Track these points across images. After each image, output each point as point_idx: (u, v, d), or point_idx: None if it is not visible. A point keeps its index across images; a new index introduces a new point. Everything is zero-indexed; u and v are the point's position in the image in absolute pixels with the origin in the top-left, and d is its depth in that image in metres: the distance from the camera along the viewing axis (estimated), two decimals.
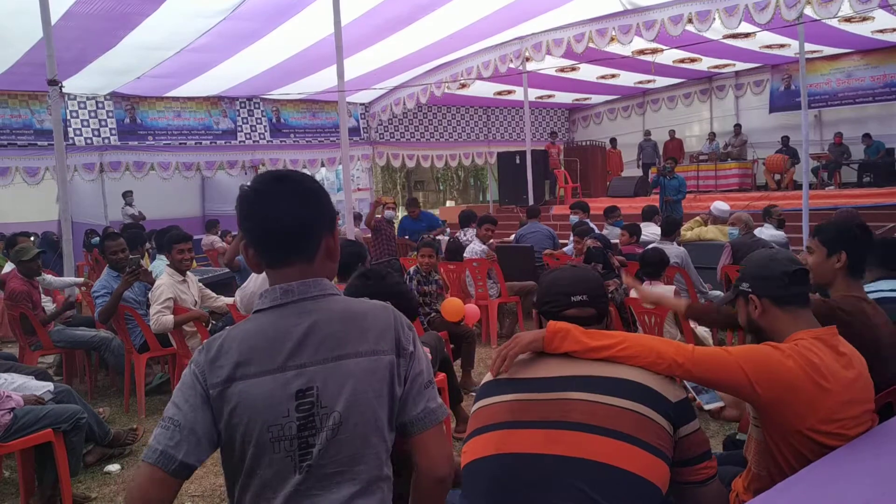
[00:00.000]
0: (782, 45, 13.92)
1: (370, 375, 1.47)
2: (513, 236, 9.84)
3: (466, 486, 1.84)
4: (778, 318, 2.16)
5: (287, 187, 1.52)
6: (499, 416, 1.87)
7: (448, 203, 31.65)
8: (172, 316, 5.33)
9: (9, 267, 6.75)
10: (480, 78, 14.00)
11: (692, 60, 15.45)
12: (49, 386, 4.14)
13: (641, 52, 13.74)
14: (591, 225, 8.16)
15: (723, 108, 18.15)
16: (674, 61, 15.16)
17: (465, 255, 7.77)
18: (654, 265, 5.41)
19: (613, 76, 16.43)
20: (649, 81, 17.54)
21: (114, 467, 4.48)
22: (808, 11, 9.90)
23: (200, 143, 14.65)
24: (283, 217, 1.49)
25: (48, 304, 6.67)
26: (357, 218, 9.26)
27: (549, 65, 13.85)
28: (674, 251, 6.44)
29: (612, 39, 11.81)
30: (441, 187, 37.15)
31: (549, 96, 18.41)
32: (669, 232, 6.83)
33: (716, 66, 16.58)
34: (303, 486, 1.44)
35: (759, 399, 1.97)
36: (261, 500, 1.45)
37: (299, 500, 1.44)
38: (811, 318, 2.16)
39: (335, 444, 1.45)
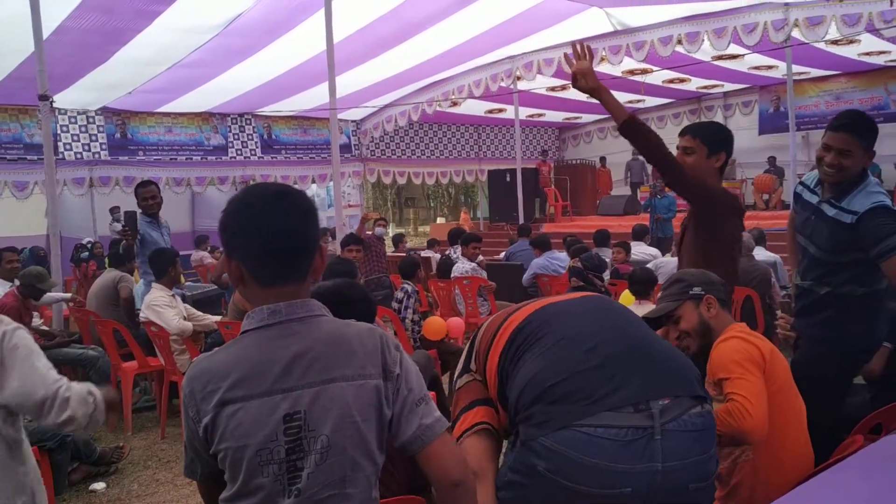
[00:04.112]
0: (770, 67, 14.07)
1: (357, 399, 1.47)
2: (503, 254, 9.85)
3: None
4: (722, 316, 2.45)
5: (288, 203, 1.50)
6: None
7: (439, 220, 31.68)
8: (188, 322, 5.46)
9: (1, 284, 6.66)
10: (471, 96, 14.07)
11: (681, 81, 15.58)
12: None
13: (631, 72, 13.85)
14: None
15: None
16: (663, 81, 15.29)
17: (452, 273, 7.76)
18: (642, 284, 5.43)
19: None
20: (639, 101, 17.65)
21: (99, 486, 4.43)
22: (796, 34, 10.04)
23: (191, 159, 14.62)
24: (286, 234, 1.48)
25: (34, 320, 6.61)
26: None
27: (540, 84, 13.94)
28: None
29: (602, 59, 11.90)
30: (431, 204, 37.22)
31: (540, 115, 18.50)
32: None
33: (705, 87, 16.73)
34: None
35: (768, 370, 2.26)
36: None
37: None
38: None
39: (324, 468, 1.44)
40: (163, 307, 5.42)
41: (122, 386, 5.65)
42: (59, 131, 12.74)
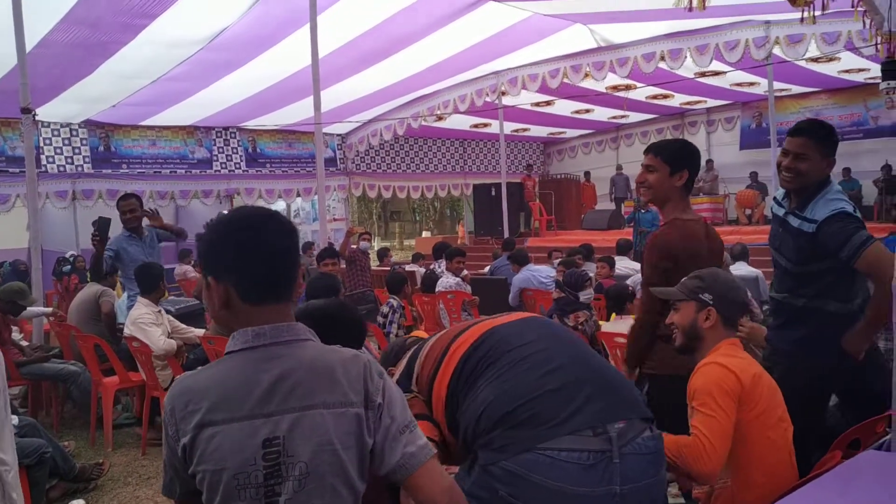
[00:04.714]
0: (752, 84, 14.24)
1: (337, 427, 1.46)
2: (487, 269, 9.87)
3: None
4: (718, 334, 2.42)
5: (278, 224, 1.53)
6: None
7: (424, 234, 31.69)
8: (173, 341, 5.42)
9: None
10: (457, 111, 14.15)
11: (665, 97, 15.73)
12: (14, 419, 4.05)
13: (615, 87, 13.97)
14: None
15: (695, 143, 18.33)
16: (647, 97, 15.43)
17: (437, 287, 7.76)
18: (615, 299, 5.50)
19: (588, 111, 16.66)
20: (623, 117, 17.80)
21: (78, 502, 4.38)
22: (777, 51, 10.18)
23: (175, 172, 14.57)
24: (281, 253, 1.51)
25: (13, 334, 6.54)
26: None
27: (525, 99, 14.05)
28: None
29: (586, 75, 12.03)
30: (417, 218, 37.25)
31: (525, 130, 18.61)
32: None
33: (688, 103, 16.90)
34: None
35: (744, 398, 2.25)
36: None
37: None
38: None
39: (302, 495, 1.44)
40: (149, 325, 5.36)
41: (102, 402, 5.59)
42: (41, 144, 12.66)
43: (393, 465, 1.51)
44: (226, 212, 1.67)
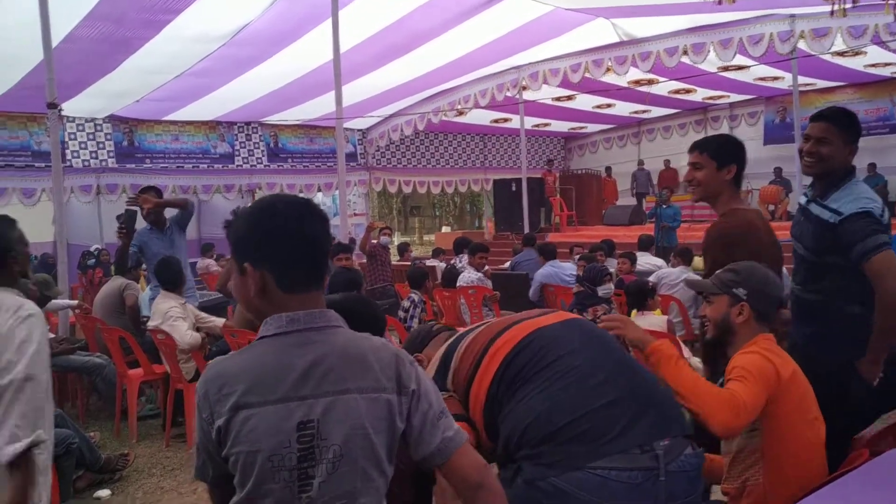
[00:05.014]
0: (776, 78, 14.09)
1: (369, 412, 1.48)
2: (508, 263, 9.86)
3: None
4: (751, 329, 2.35)
5: (312, 211, 1.55)
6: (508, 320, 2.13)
7: (444, 229, 31.71)
8: (198, 335, 5.42)
9: None
10: (477, 106, 14.13)
11: (687, 91, 15.61)
12: None
13: (637, 82, 13.89)
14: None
15: None
16: (669, 92, 15.32)
17: (458, 282, 7.77)
18: (635, 295, 5.46)
19: (609, 106, 16.57)
20: (645, 111, 17.69)
21: (104, 493, 4.44)
22: (802, 45, 10.07)
23: (198, 167, 14.69)
24: (315, 240, 1.53)
25: None
26: (352, 243, 9.27)
27: (546, 94, 13.99)
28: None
29: (608, 70, 11.96)
30: (437, 213, 37.26)
31: (546, 125, 18.54)
32: (688, 260, 6.90)
33: (710, 98, 16.76)
34: None
35: (778, 394, 2.19)
36: None
37: None
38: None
39: (335, 477, 1.45)
40: (177, 319, 5.40)
41: (127, 393, 5.66)
42: (67, 139, 12.80)
43: (432, 449, 1.54)
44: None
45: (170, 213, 6.36)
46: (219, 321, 5.87)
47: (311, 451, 1.45)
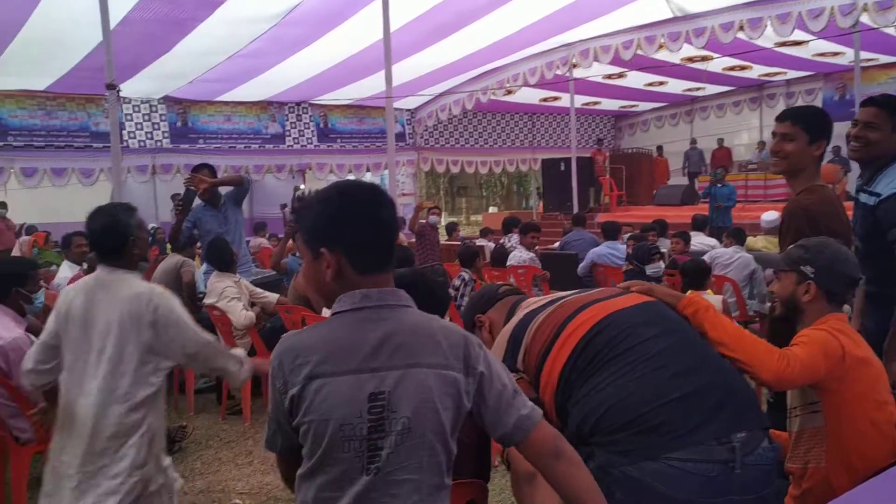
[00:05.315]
0: (836, 54, 13.65)
1: (438, 387, 1.51)
2: (557, 244, 9.80)
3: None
4: (820, 309, 2.29)
5: (385, 197, 1.61)
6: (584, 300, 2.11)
7: (491, 209, 31.62)
8: (252, 314, 5.52)
9: (66, 266, 6.92)
10: (526, 84, 14.00)
11: (742, 68, 15.24)
12: None
13: (690, 59, 13.59)
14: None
15: (773, 116, 17.69)
16: (723, 69, 14.97)
17: (508, 262, 7.76)
18: (693, 275, 5.35)
19: (661, 83, 16.28)
20: (698, 89, 17.33)
21: (165, 461, 4.57)
22: (865, 19, 9.71)
23: (249, 147, 14.91)
24: (389, 225, 1.59)
25: None
26: (401, 222, 9.31)
27: (596, 72, 13.78)
28: (743, 260, 6.38)
29: (660, 47, 11.71)
30: (484, 193, 37.16)
31: (596, 103, 18.32)
32: (741, 240, 6.80)
33: (767, 74, 16.34)
34: (373, 494, 1.48)
35: (843, 374, 2.13)
36: (325, 498, 1.49)
37: None
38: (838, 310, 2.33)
39: (403, 450, 1.49)
40: (231, 300, 5.49)
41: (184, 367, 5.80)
42: (123, 120, 13.11)
43: (510, 427, 1.56)
44: (314, 187, 1.72)
45: (225, 189, 6.45)
46: (273, 297, 5.96)
47: (381, 423, 1.47)
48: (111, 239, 2.62)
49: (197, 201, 6.22)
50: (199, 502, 4.00)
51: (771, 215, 8.69)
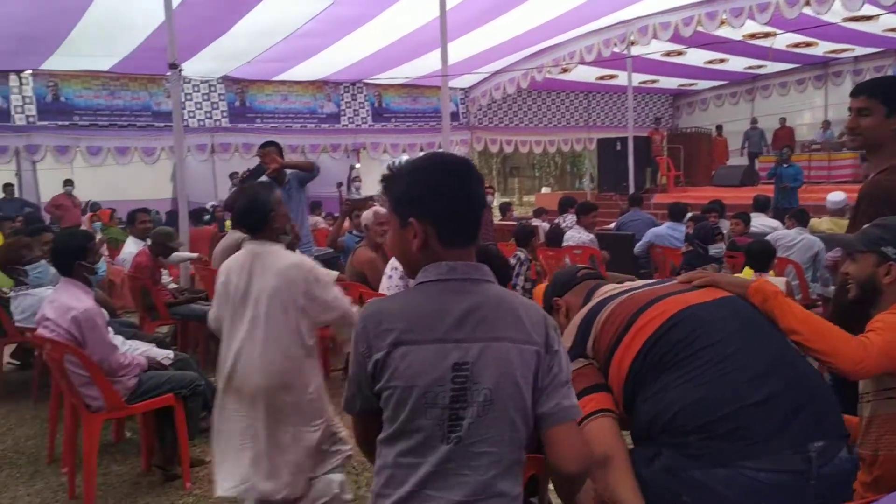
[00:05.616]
0: None
1: (520, 362, 1.51)
2: (613, 224, 9.69)
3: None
4: None
5: (475, 173, 1.62)
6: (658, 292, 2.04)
7: (544, 190, 31.39)
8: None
9: (132, 242, 7.11)
10: (583, 62, 13.80)
11: (807, 45, 14.73)
12: (169, 353, 4.36)
13: (753, 35, 13.20)
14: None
15: (839, 95, 17.19)
16: (787, 46, 14.50)
17: (564, 242, 7.71)
18: (759, 257, 5.22)
19: (722, 61, 15.87)
20: (760, 67, 16.85)
21: None
22: None
23: (305, 126, 15.07)
24: (479, 200, 1.60)
25: (163, 278, 7.01)
26: None
27: (655, 49, 13.50)
28: (806, 242, 6.23)
29: (722, 23, 11.41)
30: (536, 174, 36.88)
31: (654, 81, 17.97)
32: (804, 221, 6.65)
33: (833, 51, 15.77)
34: (452, 464, 1.49)
35: None
36: (405, 463, 1.52)
37: (448, 479, 1.49)
38: None
39: (485, 421, 1.49)
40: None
41: None
42: (183, 99, 13.35)
43: (545, 410, 1.55)
44: (408, 157, 1.74)
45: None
46: (332, 273, 6.02)
47: (464, 393, 1.49)
48: (255, 215, 2.88)
49: (262, 178, 6.30)
50: None
51: (837, 196, 8.42)
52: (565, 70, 14.69)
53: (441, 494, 1.49)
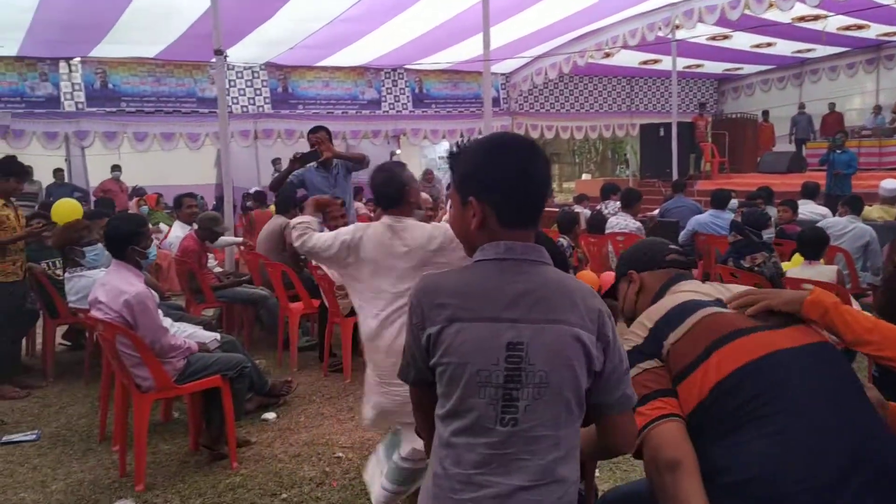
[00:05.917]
0: None
1: (573, 345, 1.50)
2: (657, 211, 9.58)
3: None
4: None
5: (541, 154, 1.59)
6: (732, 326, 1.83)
7: (584, 176, 31.12)
8: None
9: (178, 227, 7.24)
10: (626, 47, 13.60)
11: (859, 27, 14.32)
12: (216, 336, 4.45)
13: (802, 18, 12.87)
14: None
15: (892, 79, 16.74)
16: (838, 28, 14.12)
17: (607, 229, 7.65)
18: (812, 244, 5.11)
19: (769, 45, 15.51)
20: (809, 50, 16.43)
21: (270, 415, 4.77)
22: None
23: (346, 113, 15.12)
24: (543, 182, 1.58)
25: (209, 261, 7.13)
26: None
27: (700, 33, 13.25)
28: (858, 230, 6.10)
29: (770, 6, 11.13)
30: (577, 160, 36.57)
31: (698, 66, 17.64)
32: (857, 209, 6.50)
33: (886, 34, 15.27)
34: (509, 448, 1.48)
35: None
36: (461, 444, 1.51)
37: (508, 464, 1.48)
38: None
39: (540, 404, 1.48)
40: None
41: (289, 325, 6.01)
42: (227, 85, 13.50)
43: (611, 399, 1.56)
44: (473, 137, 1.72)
45: None
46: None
47: (518, 373, 1.47)
48: (391, 190, 2.96)
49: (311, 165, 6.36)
50: (303, 454, 4.15)
51: (890, 183, 8.21)
52: (608, 55, 14.50)
53: (501, 480, 1.47)
